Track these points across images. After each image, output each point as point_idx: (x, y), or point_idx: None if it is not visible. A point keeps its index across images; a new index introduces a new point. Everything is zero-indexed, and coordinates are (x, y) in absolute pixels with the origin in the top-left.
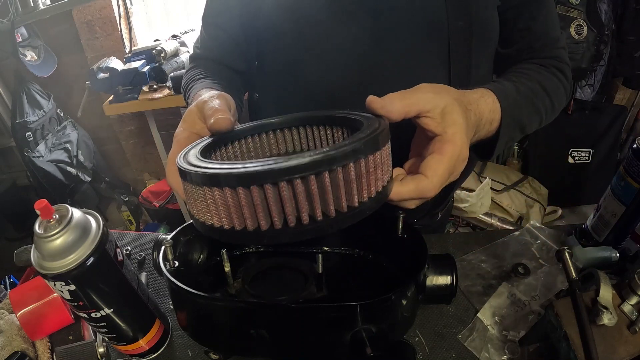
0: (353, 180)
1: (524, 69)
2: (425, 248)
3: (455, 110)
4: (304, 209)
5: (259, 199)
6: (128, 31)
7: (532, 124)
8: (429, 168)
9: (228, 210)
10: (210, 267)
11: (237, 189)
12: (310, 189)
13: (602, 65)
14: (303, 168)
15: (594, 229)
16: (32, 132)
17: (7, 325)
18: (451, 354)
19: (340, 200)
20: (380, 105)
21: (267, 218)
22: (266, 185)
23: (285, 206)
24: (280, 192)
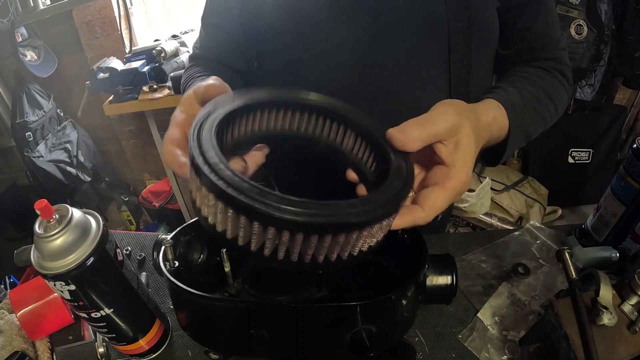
0: (366, 236)
1: (527, 73)
2: (425, 248)
3: (470, 144)
4: (308, 254)
5: (271, 236)
6: (128, 31)
7: (537, 131)
8: (428, 201)
9: (236, 227)
10: (210, 267)
11: (253, 223)
12: (323, 242)
13: (602, 65)
14: (324, 228)
15: (594, 229)
16: (32, 132)
17: (7, 325)
18: (451, 354)
19: (344, 251)
20: (401, 144)
21: (272, 247)
22: (283, 231)
23: (293, 248)
24: (295, 240)
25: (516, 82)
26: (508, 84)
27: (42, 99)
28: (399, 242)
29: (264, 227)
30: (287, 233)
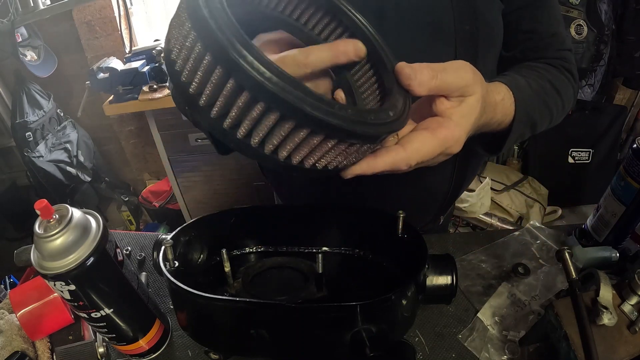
0: (333, 150)
1: (534, 66)
2: (425, 248)
3: (474, 108)
4: (285, 147)
5: (256, 112)
6: (128, 31)
7: (543, 122)
8: (413, 143)
9: (214, 89)
10: (210, 267)
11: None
12: (309, 141)
13: (602, 65)
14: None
15: (594, 229)
16: (32, 132)
17: (7, 325)
18: (451, 354)
19: (313, 156)
20: (406, 77)
21: (245, 127)
22: (272, 111)
23: (273, 135)
24: (281, 126)
25: (523, 72)
26: (515, 72)
27: (42, 99)
28: (399, 242)
29: (263, 111)
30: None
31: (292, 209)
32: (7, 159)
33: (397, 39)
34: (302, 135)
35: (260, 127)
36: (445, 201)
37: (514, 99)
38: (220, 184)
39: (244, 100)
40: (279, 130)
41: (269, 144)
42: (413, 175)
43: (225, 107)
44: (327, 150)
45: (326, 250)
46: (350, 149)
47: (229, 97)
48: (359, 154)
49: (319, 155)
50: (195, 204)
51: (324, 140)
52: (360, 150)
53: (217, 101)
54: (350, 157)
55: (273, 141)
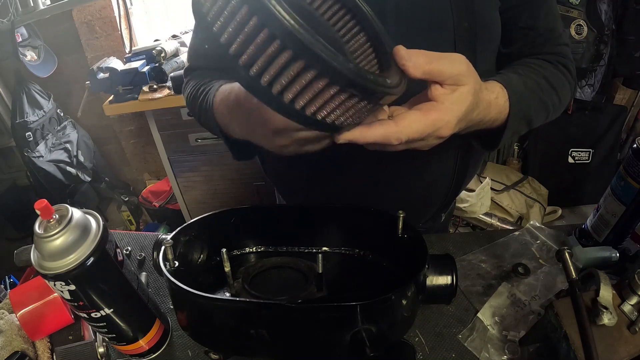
0: (333, 99)
1: (530, 63)
2: (425, 248)
3: (465, 97)
4: (292, 88)
5: (283, 59)
6: (128, 31)
7: (539, 118)
8: (405, 120)
9: (249, 42)
10: (210, 267)
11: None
12: (292, 70)
13: (602, 65)
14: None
15: (594, 229)
16: (32, 132)
17: (7, 325)
18: (451, 354)
19: (325, 108)
20: (400, 57)
21: (259, 65)
22: (299, 59)
23: (294, 81)
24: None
25: (518, 69)
26: (510, 71)
27: (42, 99)
28: (399, 242)
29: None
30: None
31: (292, 209)
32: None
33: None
34: (308, 77)
35: (273, 65)
36: (447, 197)
37: (507, 97)
38: (220, 184)
39: (266, 42)
40: (289, 70)
41: (277, 84)
42: (415, 171)
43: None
44: (329, 98)
45: (326, 250)
46: (349, 103)
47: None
48: (356, 114)
49: (321, 102)
50: (195, 204)
51: (327, 86)
52: (357, 108)
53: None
54: (347, 113)
55: (282, 81)
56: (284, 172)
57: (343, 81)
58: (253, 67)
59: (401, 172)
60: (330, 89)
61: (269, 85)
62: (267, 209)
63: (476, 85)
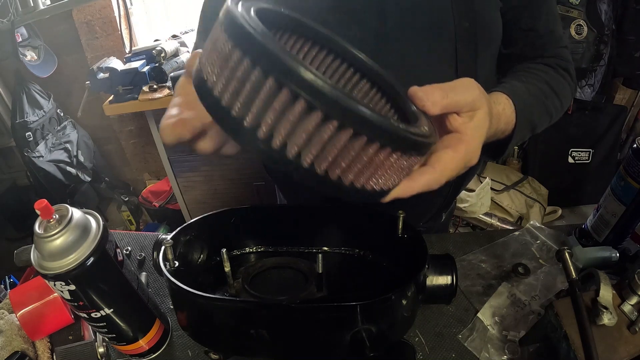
0: (383, 164)
1: (532, 69)
2: (425, 248)
3: (484, 121)
4: (312, 152)
5: (289, 109)
6: (128, 31)
7: (542, 124)
8: (440, 162)
9: (246, 96)
10: (210, 267)
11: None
12: (338, 140)
13: (602, 65)
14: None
15: (594, 229)
16: (32, 132)
17: (7, 325)
18: (451, 354)
19: (363, 174)
20: (419, 99)
21: (276, 128)
22: (316, 112)
23: (308, 136)
24: (315, 124)
25: (522, 76)
26: (513, 78)
27: (42, 99)
28: (399, 242)
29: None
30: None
31: (292, 209)
32: (7, 159)
33: (398, 38)
34: (359, 146)
35: (321, 143)
36: (448, 197)
37: (514, 107)
38: (220, 184)
39: (300, 110)
40: (336, 142)
41: (325, 162)
42: None
43: (273, 120)
44: (379, 164)
45: (326, 250)
46: (395, 162)
47: (280, 109)
48: (399, 171)
49: (372, 171)
50: (195, 204)
51: (378, 152)
52: (402, 165)
53: (266, 115)
54: (392, 174)
55: (327, 156)
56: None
57: (397, 143)
58: (301, 151)
59: None
60: (381, 154)
61: (298, 157)
62: (267, 209)
63: (489, 104)
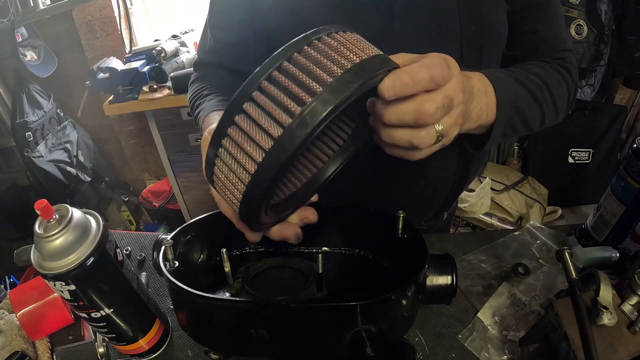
0: (328, 51)
1: (526, 63)
2: (425, 248)
3: (454, 63)
4: (298, 90)
5: (257, 111)
6: (128, 31)
7: (533, 112)
8: (425, 56)
9: (245, 146)
10: (210, 267)
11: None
12: (292, 73)
13: (602, 65)
14: (276, 62)
15: (594, 229)
16: (32, 132)
17: (7, 325)
18: (451, 354)
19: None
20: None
21: (274, 123)
22: (255, 93)
23: (281, 100)
24: (271, 91)
25: (510, 68)
26: (498, 70)
27: (42, 99)
28: (399, 242)
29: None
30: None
31: None
32: (7, 159)
33: (404, 38)
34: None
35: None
36: (450, 196)
37: (491, 83)
38: None
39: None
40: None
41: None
42: (418, 170)
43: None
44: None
45: (326, 250)
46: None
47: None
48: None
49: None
50: (195, 204)
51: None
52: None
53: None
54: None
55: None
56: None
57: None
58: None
59: (403, 171)
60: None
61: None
62: None
63: (461, 75)
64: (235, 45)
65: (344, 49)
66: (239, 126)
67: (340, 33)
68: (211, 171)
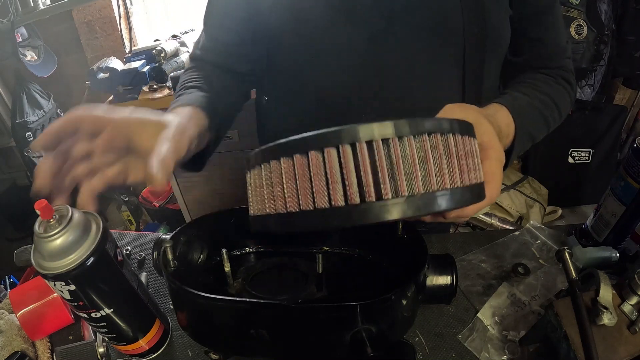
0: (442, 154)
1: (534, 79)
2: (425, 248)
3: (483, 122)
4: (386, 180)
5: (333, 165)
6: (128, 31)
7: (541, 134)
8: (487, 174)
9: (294, 185)
10: (210, 267)
11: (309, 153)
12: (393, 155)
13: (602, 65)
14: (387, 131)
15: (594, 229)
16: (32, 132)
17: (7, 325)
18: (451, 354)
19: (430, 176)
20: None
21: (341, 191)
22: (344, 146)
23: (364, 175)
24: (361, 157)
25: (523, 88)
26: (514, 90)
27: (42, 99)
28: (399, 242)
29: (340, 155)
30: (369, 152)
31: None
32: (7, 159)
33: (405, 40)
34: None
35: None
36: None
37: (511, 115)
38: (220, 184)
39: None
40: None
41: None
42: None
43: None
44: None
45: (326, 250)
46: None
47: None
48: (467, 159)
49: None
50: (195, 204)
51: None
52: (465, 151)
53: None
54: (463, 161)
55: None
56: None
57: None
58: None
59: None
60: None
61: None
62: None
63: (476, 109)
64: (234, 45)
65: (461, 160)
66: (309, 161)
67: (465, 137)
68: (251, 166)
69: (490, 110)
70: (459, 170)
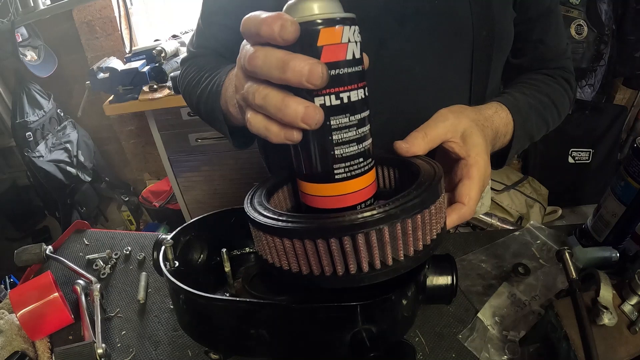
0: (418, 227)
1: (535, 80)
2: None
3: (475, 133)
4: (364, 259)
5: (324, 250)
6: (128, 31)
7: (540, 134)
8: (464, 195)
9: (296, 258)
10: (210, 267)
11: (305, 242)
12: (371, 240)
13: (602, 65)
14: (371, 223)
15: (594, 229)
16: (32, 132)
17: (7, 325)
18: (451, 354)
19: (407, 246)
20: (406, 150)
21: (330, 266)
22: (331, 239)
23: (348, 257)
24: (344, 246)
25: (523, 88)
26: (515, 90)
27: (42, 99)
28: None
29: (328, 245)
30: (356, 239)
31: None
32: (7, 159)
33: (416, 43)
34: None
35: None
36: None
37: (510, 114)
38: (220, 184)
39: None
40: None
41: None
42: None
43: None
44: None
45: None
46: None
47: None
48: (439, 218)
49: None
50: (195, 204)
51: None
52: (432, 216)
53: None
54: (431, 225)
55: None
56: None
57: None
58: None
59: None
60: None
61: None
62: None
63: (470, 115)
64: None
65: (426, 227)
66: (342, 244)
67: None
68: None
69: (489, 110)
70: (422, 236)
